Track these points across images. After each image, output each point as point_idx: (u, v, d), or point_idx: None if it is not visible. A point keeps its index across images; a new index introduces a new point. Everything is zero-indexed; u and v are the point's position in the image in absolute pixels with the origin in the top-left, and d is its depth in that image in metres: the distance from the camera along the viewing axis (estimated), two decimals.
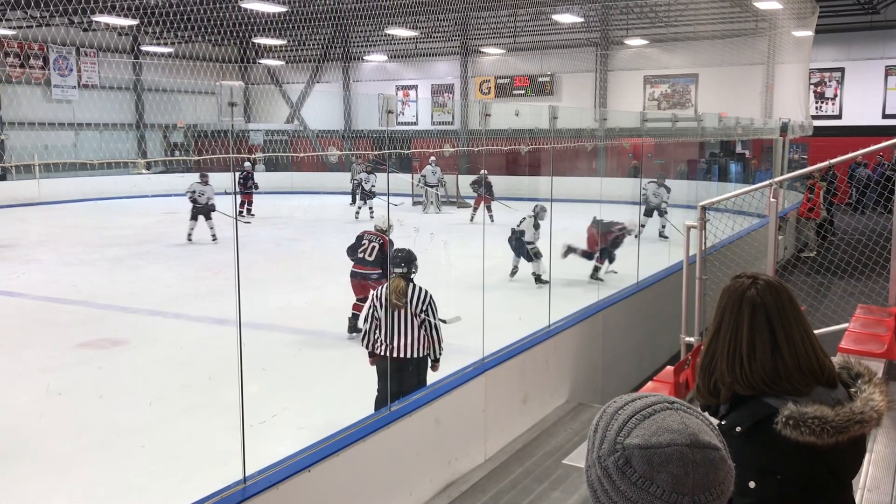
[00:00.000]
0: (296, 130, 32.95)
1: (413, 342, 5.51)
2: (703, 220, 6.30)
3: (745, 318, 1.82)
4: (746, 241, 9.99)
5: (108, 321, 9.83)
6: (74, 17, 23.18)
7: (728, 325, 1.84)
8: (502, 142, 21.87)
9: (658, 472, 1.09)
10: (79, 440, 6.08)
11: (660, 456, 1.09)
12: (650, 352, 8.21)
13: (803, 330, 1.80)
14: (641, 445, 1.10)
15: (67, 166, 24.75)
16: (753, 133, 19.50)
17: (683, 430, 1.11)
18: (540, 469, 5.28)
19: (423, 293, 5.59)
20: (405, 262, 5.73)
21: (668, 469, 1.09)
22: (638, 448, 1.10)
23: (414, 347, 5.51)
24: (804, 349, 1.78)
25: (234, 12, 21.88)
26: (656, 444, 1.10)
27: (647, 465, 1.09)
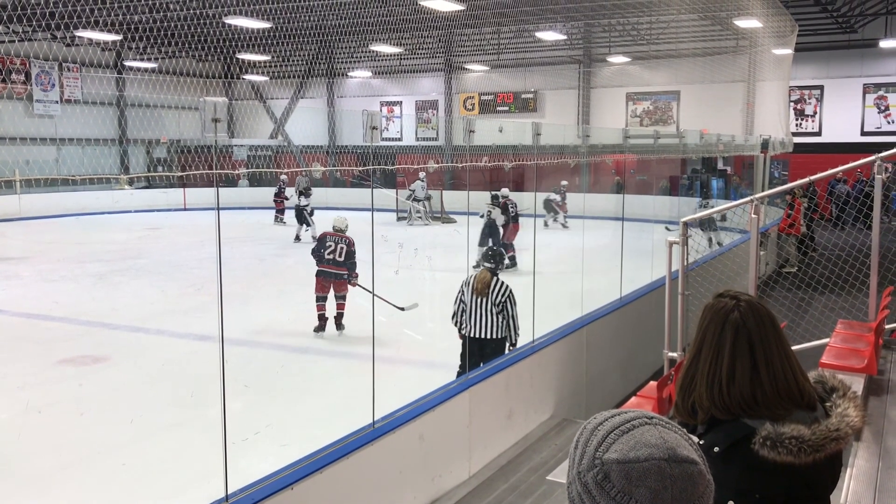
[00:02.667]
0: (280, 146, 32.92)
1: (492, 326, 6.50)
2: (685, 236, 6.35)
3: (727, 341, 1.81)
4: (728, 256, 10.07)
5: (89, 337, 9.74)
6: (57, 33, 23.10)
7: (710, 348, 1.83)
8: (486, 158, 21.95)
9: (636, 486, 1.09)
10: (59, 458, 6.01)
11: (637, 470, 1.10)
12: (634, 367, 8.23)
13: (783, 353, 1.80)
14: (620, 460, 1.11)
15: (50, 182, 24.62)
16: (735, 149, 19.69)
17: (661, 444, 1.12)
18: (524, 485, 5.27)
19: (504, 287, 6.55)
20: (494, 259, 6.81)
21: (645, 483, 1.09)
22: (616, 463, 1.11)
23: (492, 330, 6.50)
24: (783, 374, 1.77)
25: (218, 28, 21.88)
26: (634, 458, 1.11)
27: (626, 480, 1.10)
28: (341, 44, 28.35)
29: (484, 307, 6.50)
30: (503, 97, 28.91)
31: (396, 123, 31.07)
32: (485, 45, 26.87)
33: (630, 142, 13.51)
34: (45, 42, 24.14)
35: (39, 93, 26.30)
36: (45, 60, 26.00)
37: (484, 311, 6.50)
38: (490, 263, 6.74)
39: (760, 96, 23.12)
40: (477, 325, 6.51)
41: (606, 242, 10.11)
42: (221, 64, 30.99)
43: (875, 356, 5.70)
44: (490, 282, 6.55)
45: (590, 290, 7.95)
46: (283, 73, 32.27)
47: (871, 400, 5.33)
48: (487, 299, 6.50)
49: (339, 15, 19.25)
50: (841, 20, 21.98)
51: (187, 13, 19.90)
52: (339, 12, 18.91)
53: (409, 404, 5.03)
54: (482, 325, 6.50)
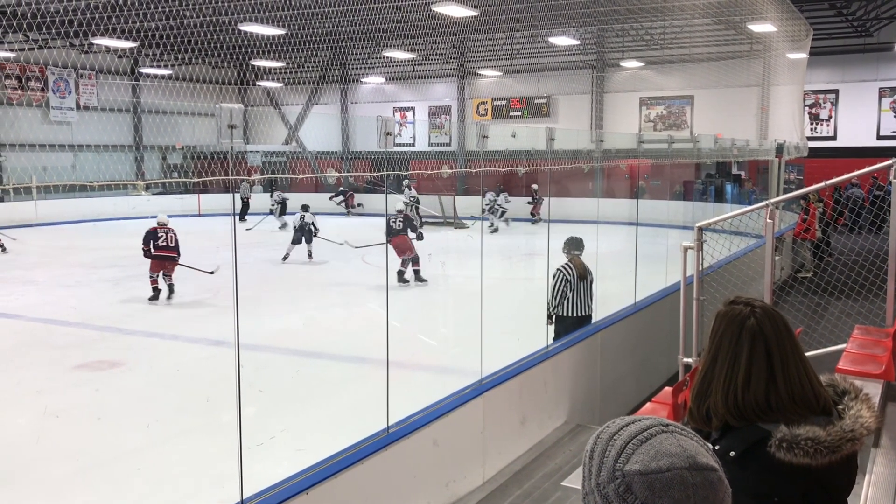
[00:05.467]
0: (294, 152, 33.04)
1: (590, 303, 7.53)
2: (700, 241, 6.31)
3: (744, 348, 1.80)
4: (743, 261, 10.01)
5: (105, 343, 9.80)
6: (74, 40, 23.30)
7: (726, 354, 1.83)
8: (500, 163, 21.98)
9: (660, 497, 1.09)
10: (75, 462, 6.05)
11: (661, 481, 1.09)
12: (648, 372, 8.19)
13: (799, 360, 1.80)
14: (642, 471, 1.10)
15: (68, 188, 24.84)
16: (749, 154, 19.60)
17: (681, 453, 1.11)
18: (539, 491, 5.26)
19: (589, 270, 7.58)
20: (579, 247, 7.68)
21: (669, 493, 1.09)
22: (638, 474, 1.10)
23: (590, 307, 7.54)
24: (799, 381, 1.77)
25: (233, 35, 22.03)
26: (656, 468, 1.10)
27: (649, 491, 1.09)
28: (355, 50, 28.45)
29: (584, 288, 7.47)
30: (516, 102, 28.91)
31: (409, 129, 31.12)
32: (498, 50, 26.88)
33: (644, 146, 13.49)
34: (62, 49, 24.35)
35: (56, 100, 26.54)
36: (62, 68, 26.24)
37: (584, 291, 7.47)
38: (578, 251, 7.63)
39: (775, 101, 22.99)
40: (581, 304, 7.44)
41: (620, 248, 10.10)
42: (236, 70, 31.18)
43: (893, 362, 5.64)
44: (585, 265, 7.55)
45: (604, 296, 7.94)
46: (297, 80, 32.41)
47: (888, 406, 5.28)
48: (586, 280, 7.49)
49: (352, 21, 19.32)
50: (856, 24, 21.86)
51: (202, 20, 20.03)
52: (353, 19, 18.97)
53: (423, 409, 5.03)
54: (584, 304, 7.47)
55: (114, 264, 15.93)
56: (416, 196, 23.97)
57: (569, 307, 7.42)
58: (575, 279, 7.43)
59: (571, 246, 7.70)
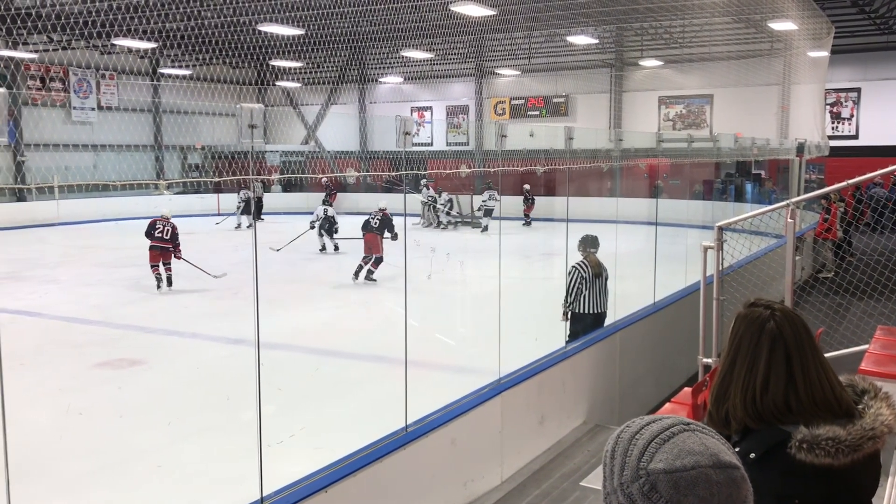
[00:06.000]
0: (312, 151, 33.17)
1: (605, 301, 7.56)
2: (720, 241, 6.28)
3: (763, 351, 1.80)
4: (763, 261, 9.94)
5: (126, 341, 9.89)
6: (95, 41, 23.53)
7: (745, 357, 1.82)
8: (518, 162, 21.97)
9: (685, 495, 1.09)
10: (97, 460, 6.11)
11: (685, 479, 1.09)
12: (668, 373, 8.16)
13: (819, 362, 1.79)
14: (666, 470, 1.10)
15: (91, 187, 25.09)
16: (769, 153, 19.45)
17: (705, 451, 1.11)
18: (557, 491, 5.25)
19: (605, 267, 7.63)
20: (594, 245, 7.72)
21: (694, 492, 1.08)
22: (663, 473, 1.10)
23: (605, 304, 7.57)
24: (819, 384, 1.76)
25: (252, 35, 22.16)
26: (681, 467, 1.10)
27: (674, 490, 1.09)
28: (373, 50, 28.52)
29: (599, 286, 7.53)
30: (534, 101, 28.85)
31: (427, 128, 31.14)
32: (516, 49, 26.84)
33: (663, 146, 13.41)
34: (83, 50, 24.60)
35: (77, 100, 26.80)
36: (84, 68, 26.50)
37: (599, 289, 7.53)
38: (593, 249, 7.70)
39: (795, 99, 22.80)
40: (595, 302, 7.50)
41: (640, 247, 10.05)
42: (255, 71, 31.34)
43: None
44: (600, 263, 7.62)
45: (623, 295, 7.91)
46: (316, 80, 32.53)
47: None
48: (601, 278, 7.55)
49: (370, 21, 19.38)
50: (879, 21, 21.61)
51: (222, 21, 20.16)
52: (371, 18, 19.03)
53: (441, 409, 5.04)
54: (599, 301, 7.53)
55: (134, 263, 16.02)
56: (433, 196, 23.96)
57: (583, 304, 7.49)
58: (590, 277, 7.49)
59: (587, 244, 7.75)
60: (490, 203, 22.25)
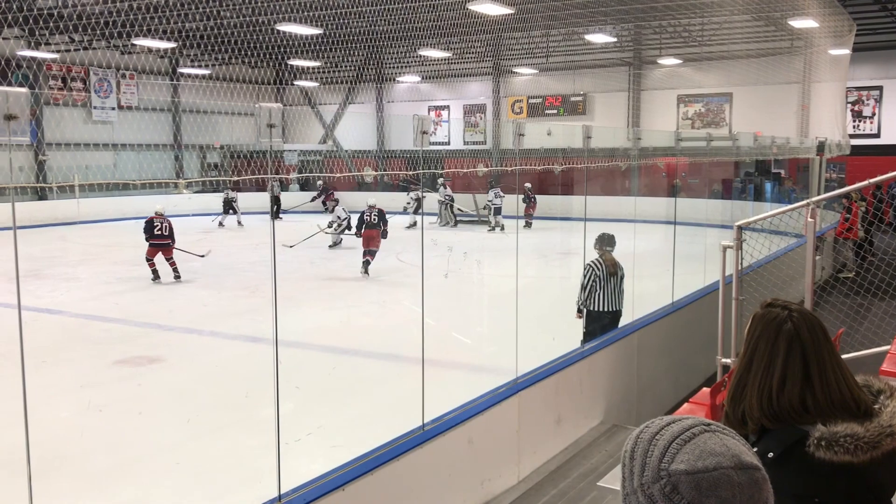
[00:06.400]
0: (329, 151, 33.27)
1: (620, 299, 7.58)
2: (740, 241, 6.23)
3: (780, 352, 1.79)
4: (783, 261, 9.86)
5: (145, 338, 9.97)
6: (114, 41, 23.72)
7: (762, 358, 1.81)
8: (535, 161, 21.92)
9: (707, 496, 1.08)
10: (117, 456, 6.16)
11: (707, 480, 1.08)
12: (686, 373, 8.11)
13: (836, 363, 1.78)
14: (688, 471, 1.10)
15: (111, 186, 25.30)
16: (789, 152, 19.29)
17: (726, 452, 1.11)
18: (574, 491, 5.24)
19: (621, 265, 7.66)
20: (611, 243, 7.73)
21: (716, 493, 1.08)
22: (684, 474, 1.10)
23: (620, 302, 7.60)
24: (836, 385, 1.75)
25: (270, 35, 22.25)
26: (703, 468, 1.09)
27: (696, 491, 1.08)
28: (390, 49, 28.56)
29: (614, 284, 7.57)
30: (552, 100, 28.77)
31: (444, 127, 31.15)
32: (533, 48, 26.79)
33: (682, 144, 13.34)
34: (104, 50, 24.81)
35: (98, 99, 27.04)
36: (105, 68, 26.72)
37: (614, 288, 7.56)
38: (609, 247, 7.72)
39: (816, 98, 22.61)
40: (610, 300, 7.53)
41: (658, 246, 10.01)
42: (273, 70, 31.47)
43: None
44: (616, 262, 7.65)
45: (641, 295, 7.88)
46: (334, 79, 32.63)
47: None
48: (616, 276, 7.59)
49: (388, 20, 19.39)
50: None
51: (240, 20, 20.27)
52: (389, 18, 19.05)
53: (458, 407, 5.04)
54: (614, 300, 7.55)
55: None
56: (450, 195, 23.95)
57: (597, 302, 7.54)
58: (604, 275, 7.52)
59: (603, 242, 7.76)
60: (496, 202, 22.31)
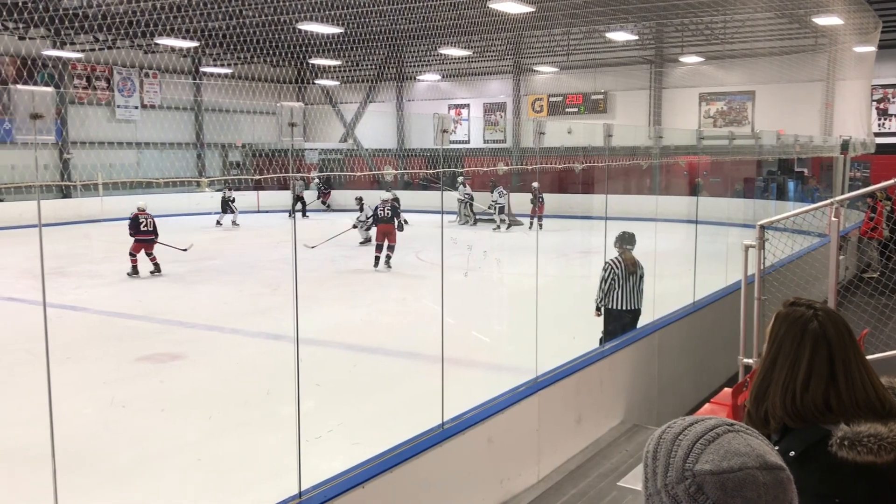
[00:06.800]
0: (350, 149, 33.38)
1: (639, 298, 7.59)
2: (762, 240, 6.18)
3: (806, 351, 1.78)
4: (806, 260, 9.76)
5: (167, 335, 10.06)
6: (137, 40, 23.93)
7: (786, 357, 1.80)
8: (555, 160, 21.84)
9: (732, 497, 1.07)
10: (139, 451, 6.22)
11: (733, 481, 1.08)
12: (707, 373, 8.06)
13: (861, 363, 1.77)
14: (713, 471, 1.09)
15: (134, 184, 25.55)
16: (812, 151, 19.10)
17: (751, 452, 1.10)
18: (594, 490, 5.22)
19: (641, 264, 7.68)
20: (631, 242, 7.69)
21: (742, 493, 1.07)
22: (710, 474, 1.09)
23: (639, 301, 7.60)
24: (862, 385, 1.74)
25: (292, 34, 22.35)
26: (728, 468, 1.09)
27: (721, 491, 1.08)
28: (411, 47, 28.59)
29: (633, 283, 7.56)
30: (572, 98, 28.67)
31: (464, 126, 31.14)
32: (554, 46, 26.70)
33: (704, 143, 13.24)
34: (127, 50, 25.05)
35: (121, 98, 27.30)
36: (129, 67, 26.98)
37: (633, 286, 7.56)
38: (630, 246, 7.70)
39: (840, 96, 22.35)
40: (628, 299, 7.54)
41: (679, 246, 9.95)
42: (294, 69, 31.61)
43: None
44: (636, 261, 7.64)
45: (662, 295, 7.84)
46: (354, 78, 32.72)
47: None
48: (635, 275, 7.58)
49: (408, 19, 19.42)
50: None
51: (262, 19, 20.38)
52: (409, 16, 19.07)
53: (477, 406, 5.04)
54: (632, 298, 7.55)
55: (176, 259, 16.30)
56: (470, 193, 23.93)
57: (616, 301, 7.54)
58: (623, 274, 7.52)
59: (623, 241, 7.75)
60: (501, 201, 22.39)
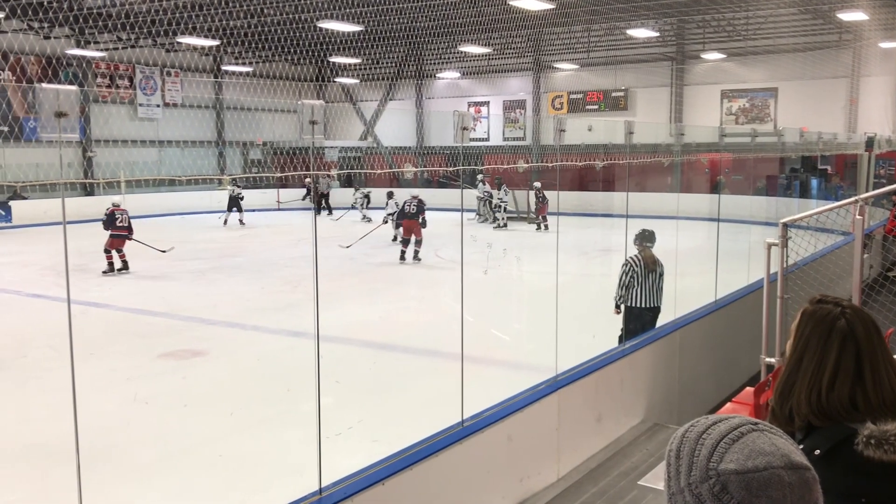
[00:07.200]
0: (369, 147, 33.46)
1: (658, 296, 7.58)
2: (785, 238, 6.12)
3: (833, 348, 1.76)
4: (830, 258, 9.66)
5: (189, 332, 10.13)
6: (159, 39, 24.12)
7: (813, 355, 1.78)
8: (576, 157, 21.76)
9: (757, 496, 1.06)
10: (162, 447, 6.28)
11: (758, 480, 1.07)
12: (729, 372, 8.00)
13: (889, 363, 1.75)
14: (738, 470, 1.08)
15: (156, 182, 25.77)
16: (836, 148, 18.91)
17: (776, 451, 1.09)
18: (614, 490, 5.20)
19: (660, 262, 7.67)
20: (651, 240, 7.70)
21: (767, 493, 1.06)
22: (734, 473, 1.08)
23: (658, 299, 7.59)
24: (890, 385, 1.73)
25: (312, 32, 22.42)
26: (753, 467, 1.07)
27: (746, 491, 1.07)
28: (430, 45, 28.60)
29: (652, 280, 7.56)
30: (592, 96, 28.55)
31: (483, 123, 31.10)
32: (574, 43, 26.60)
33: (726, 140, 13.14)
34: (148, 49, 25.26)
35: (143, 97, 27.53)
36: (148, 66, 27.19)
37: (652, 284, 7.56)
38: (649, 243, 7.70)
39: (865, 92, 22.10)
40: (647, 297, 7.54)
41: (700, 244, 9.89)
42: (314, 67, 31.72)
43: None
44: (655, 258, 7.63)
45: (684, 293, 7.79)
46: (374, 76, 32.78)
47: None
48: (655, 273, 7.58)
49: (428, 17, 19.43)
50: None
51: (282, 18, 20.47)
52: (429, 14, 19.08)
53: (497, 404, 5.03)
54: (651, 296, 7.55)
55: (198, 257, 16.43)
56: (489, 191, 23.90)
57: (635, 298, 7.55)
58: (642, 271, 7.53)
59: (643, 239, 7.74)
60: (506, 199, 22.39)
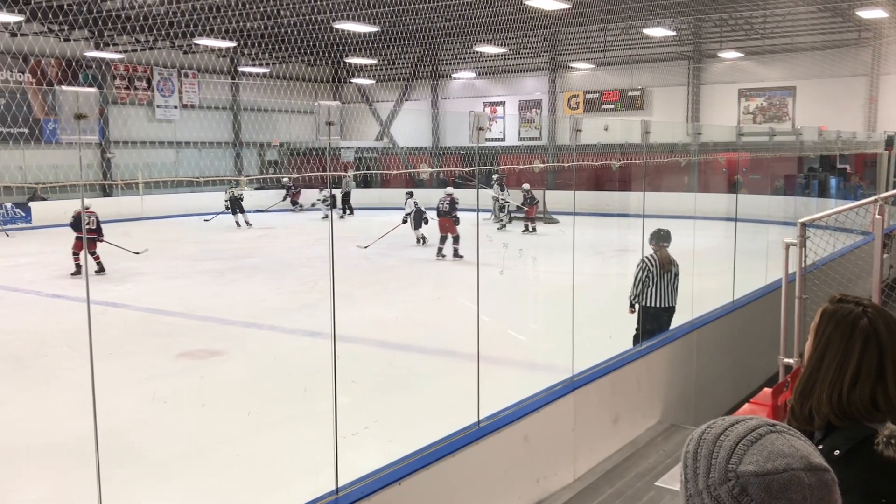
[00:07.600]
0: (385, 148, 33.52)
1: (673, 296, 7.56)
2: (804, 238, 6.07)
3: (856, 348, 1.75)
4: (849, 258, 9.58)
5: (206, 332, 10.19)
6: (177, 41, 24.28)
7: (834, 354, 1.77)
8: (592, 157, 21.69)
9: (777, 498, 1.05)
10: (180, 447, 6.32)
11: (778, 482, 1.06)
12: (746, 373, 7.95)
13: None
14: (757, 472, 1.07)
15: (174, 183, 25.96)
16: (855, 147, 18.75)
17: (795, 453, 1.08)
18: (631, 490, 5.18)
19: (676, 262, 7.65)
20: (667, 239, 7.69)
21: (787, 495, 1.05)
22: (754, 475, 1.07)
23: (673, 299, 7.57)
24: None
25: (328, 33, 22.50)
26: (772, 469, 1.07)
27: (765, 493, 1.06)
28: (446, 45, 28.63)
29: (667, 280, 7.54)
30: (609, 95, 28.45)
31: (499, 123, 31.07)
32: (591, 42, 26.53)
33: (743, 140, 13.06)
34: (167, 50, 25.44)
35: (161, 98, 27.74)
36: (166, 67, 27.38)
37: (667, 284, 7.54)
38: (665, 243, 7.68)
39: (885, 90, 21.90)
40: (662, 297, 7.52)
41: (717, 244, 9.83)
42: (330, 68, 31.82)
43: None
44: (671, 258, 7.61)
45: (701, 293, 7.74)
46: (389, 76, 32.85)
47: None
48: (670, 273, 7.56)
49: (444, 17, 19.44)
50: None
51: (298, 19, 20.55)
52: (445, 14, 19.09)
53: (513, 405, 5.03)
54: (667, 296, 7.53)
55: (215, 257, 16.53)
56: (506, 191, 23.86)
57: (650, 298, 7.53)
58: (657, 271, 7.51)
59: (658, 238, 7.72)
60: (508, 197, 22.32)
